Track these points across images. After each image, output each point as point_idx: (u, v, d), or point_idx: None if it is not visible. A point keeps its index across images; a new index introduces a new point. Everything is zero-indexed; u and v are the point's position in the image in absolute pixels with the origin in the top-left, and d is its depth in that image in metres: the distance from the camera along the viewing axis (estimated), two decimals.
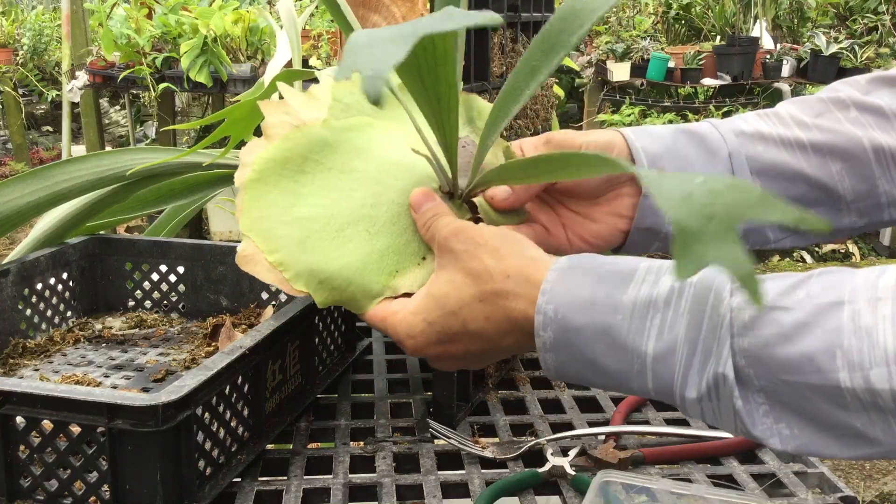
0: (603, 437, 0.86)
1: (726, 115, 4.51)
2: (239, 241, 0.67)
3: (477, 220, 0.69)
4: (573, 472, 0.79)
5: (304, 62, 3.74)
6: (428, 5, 0.88)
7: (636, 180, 0.71)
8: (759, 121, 0.74)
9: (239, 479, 0.77)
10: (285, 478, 0.78)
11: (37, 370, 0.93)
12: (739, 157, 0.71)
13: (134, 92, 5.25)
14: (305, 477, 0.78)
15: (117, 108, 7.06)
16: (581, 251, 0.68)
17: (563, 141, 0.71)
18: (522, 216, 0.72)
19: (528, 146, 0.73)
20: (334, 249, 0.65)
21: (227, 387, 0.74)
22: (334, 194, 0.67)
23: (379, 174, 0.68)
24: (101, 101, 5.69)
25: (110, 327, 1.06)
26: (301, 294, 0.65)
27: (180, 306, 1.11)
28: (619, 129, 0.73)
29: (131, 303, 1.12)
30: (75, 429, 0.67)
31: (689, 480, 0.79)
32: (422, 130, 0.67)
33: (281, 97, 0.72)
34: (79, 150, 5.35)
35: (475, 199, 0.70)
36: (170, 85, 4.37)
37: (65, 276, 1.05)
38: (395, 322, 0.63)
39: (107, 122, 6.67)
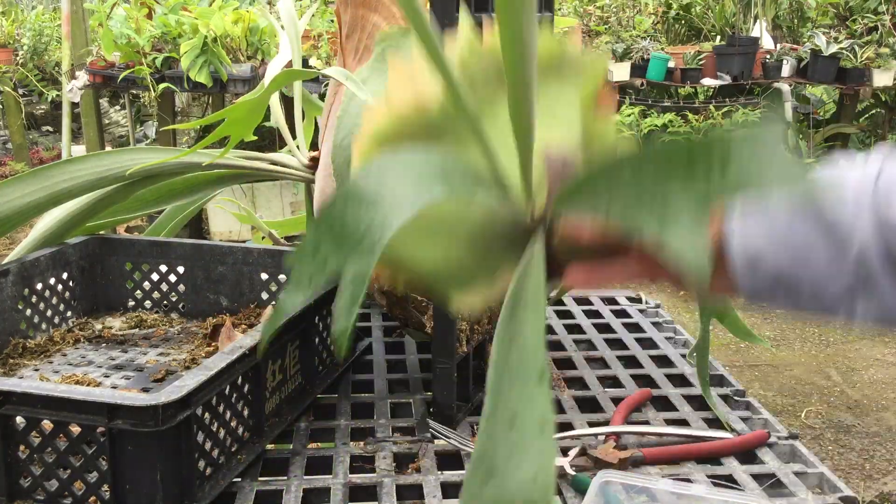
0: (603, 437, 0.86)
1: (726, 115, 4.51)
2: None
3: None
4: (573, 472, 0.79)
5: (305, 62, 3.73)
6: (428, 5, 0.88)
7: None
8: None
9: (239, 479, 0.77)
10: (285, 478, 0.78)
11: (37, 370, 0.93)
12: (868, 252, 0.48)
13: (134, 92, 5.25)
14: (305, 477, 0.78)
15: (117, 108, 7.06)
16: None
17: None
18: None
19: None
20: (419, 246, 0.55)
21: (227, 387, 0.74)
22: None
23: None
24: (101, 101, 5.68)
25: (110, 327, 1.06)
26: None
27: (180, 306, 1.11)
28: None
29: (131, 303, 1.12)
30: (75, 429, 0.67)
31: (689, 480, 0.79)
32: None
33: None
34: (79, 150, 5.34)
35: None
36: (170, 85, 4.37)
37: (65, 276, 1.05)
38: None
39: (107, 122, 6.66)
